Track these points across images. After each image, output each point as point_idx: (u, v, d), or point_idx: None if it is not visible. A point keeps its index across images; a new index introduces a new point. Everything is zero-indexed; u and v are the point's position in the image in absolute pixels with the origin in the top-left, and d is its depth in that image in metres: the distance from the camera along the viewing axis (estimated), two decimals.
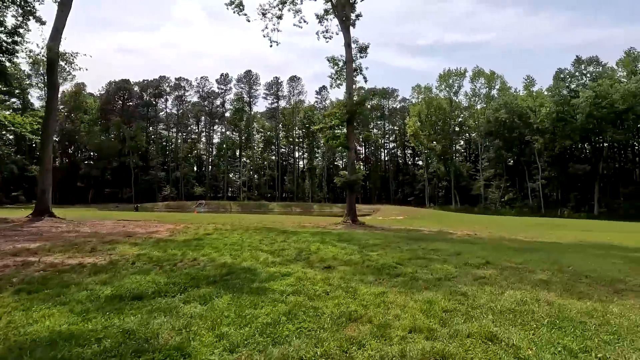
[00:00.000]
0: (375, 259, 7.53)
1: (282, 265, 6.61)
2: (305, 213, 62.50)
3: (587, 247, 11.65)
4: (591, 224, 30.43)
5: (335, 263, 6.99)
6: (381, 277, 5.86)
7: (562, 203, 54.78)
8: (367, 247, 9.25)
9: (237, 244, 9.22)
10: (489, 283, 5.58)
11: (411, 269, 6.53)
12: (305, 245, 9.22)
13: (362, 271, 6.25)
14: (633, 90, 47.25)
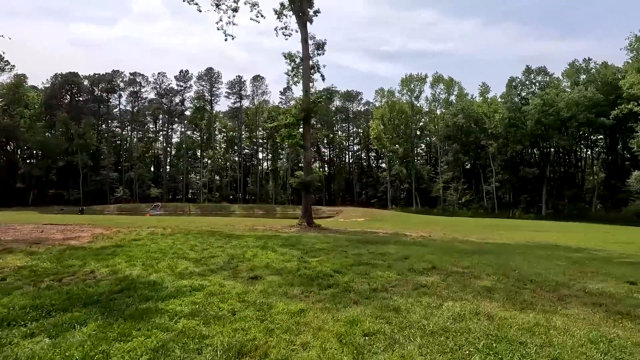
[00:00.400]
0: (313, 266, 6.76)
1: (200, 277, 5.65)
2: (267, 215, 61.14)
3: (534, 248, 11.67)
4: (539, 225, 31.91)
5: (266, 272, 6.14)
6: (310, 288, 5.08)
7: (513, 204, 57.62)
8: (311, 253, 8.48)
9: (161, 251, 8.09)
10: (428, 293, 4.98)
11: (348, 277, 5.82)
12: (242, 251, 8.27)
13: (291, 282, 5.44)
14: (576, 99, 50.69)
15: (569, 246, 12.82)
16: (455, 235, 16.97)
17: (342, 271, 6.29)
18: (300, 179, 18.34)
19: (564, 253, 10.29)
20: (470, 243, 12.98)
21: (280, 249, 8.92)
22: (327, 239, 11.83)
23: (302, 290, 4.96)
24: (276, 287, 5.11)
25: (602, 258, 9.47)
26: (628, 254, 10.83)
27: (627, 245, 13.92)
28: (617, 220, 44.90)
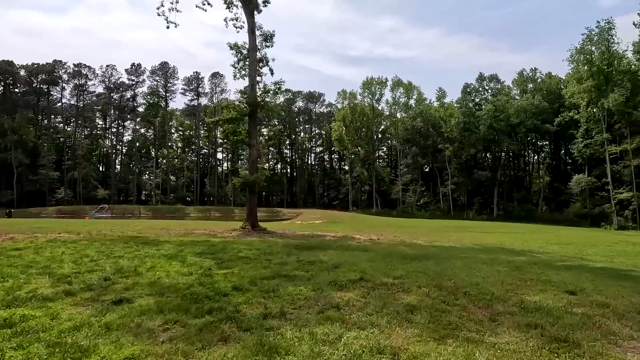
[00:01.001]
0: (214, 281, 5.54)
1: (40, 302, 4.26)
2: (223, 218, 58.66)
3: (478, 251, 11.20)
4: (489, 226, 32.70)
5: (143, 292, 4.83)
6: (179, 317, 3.86)
7: (468, 206, 59.60)
8: (226, 263, 7.23)
9: (30, 264, 6.48)
10: (334, 318, 3.94)
11: (245, 297, 4.67)
12: (139, 262, 6.85)
13: (163, 306, 4.19)
14: (524, 106, 53.41)
15: (513, 248, 12.56)
16: (405, 238, 16.40)
17: (244, 288, 5.12)
18: (243, 178, 16.98)
19: (506, 257, 9.81)
20: (417, 247, 12.33)
21: (192, 258, 7.58)
22: (261, 245, 10.61)
23: (166, 320, 3.73)
24: (134, 316, 3.84)
25: (543, 262, 9.06)
26: (568, 257, 10.62)
27: (567, 247, 13.99)
28: (560, 220, 47.68)
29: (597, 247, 14.25)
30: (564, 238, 18.78)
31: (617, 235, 24.74)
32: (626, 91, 39.41)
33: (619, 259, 10.43)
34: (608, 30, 41.84)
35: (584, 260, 9.78)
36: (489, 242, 14.99)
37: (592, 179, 44.89)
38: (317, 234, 17.34)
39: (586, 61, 42.58)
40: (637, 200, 39.13)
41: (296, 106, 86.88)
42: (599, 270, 8.00)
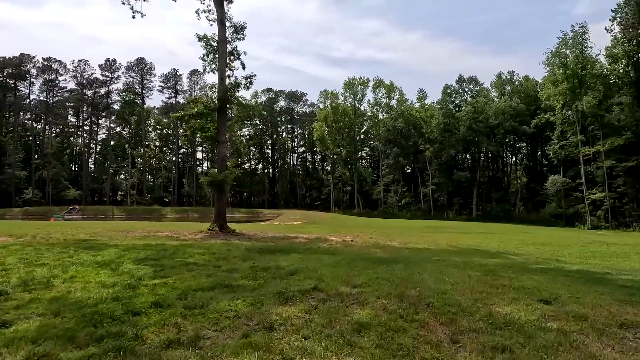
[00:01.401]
0: (138, 294, 4.70)
1: None
2: (202, 219, 56.80)
3: (452, 254, 10.67)
4: (468, 226, 32.67)
5: (37, 311, 3.95)
6: (56, 347, 3.01)
7: (448, 206, 60.01)
8: (168, 270, 6.36)
9: None
10: (258, 344, 3.18)
11: (161, 316, 3.85)
12: (58, 271, 5.92)
13: (43, 333, 3.32)
14: (502, 108, 54.18)
15: (489, 250, 12.13)
16: (380, 239, 15.81)
17: (166, 303, 4.28)
18: (211, 177, 15.98)
19: (480, 260, 9.29)
20: (389, 249, 11.72)
21: (128, 265, 6.66)
22: (220, 249, 9.73)
23: (33, 354, 2.86)
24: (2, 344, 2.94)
25: (518, 265, 8.56)
26: (544, 258, 10.21)
27: (543, 248, 13.69)
28: (537, 220, 48.48)
29: (572, 247, 14.02)
30: (540, 238, 18.63)
31: (591, 234, 24.99)
32: (599, 94, 40.33)
33: (593, 260, 10.08)
34: (582, 34, 42.81)
35: (559, 263, 9.35)
36: (465, 244, 14.57)
37: (566, 180, 45.81)
38: (289, 235, 16.54)
39: (561, 64, 43.41)
40: (609, 201, 40.05)
41: (278, 106, 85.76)
42: (574, 273, 7.53)
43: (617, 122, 39.36)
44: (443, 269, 7.58)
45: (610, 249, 13.72)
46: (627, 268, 8.68)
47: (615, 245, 15.64)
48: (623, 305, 4.88)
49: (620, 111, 39.03)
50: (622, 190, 40.66)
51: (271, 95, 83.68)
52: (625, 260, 10.03)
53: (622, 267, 8.77)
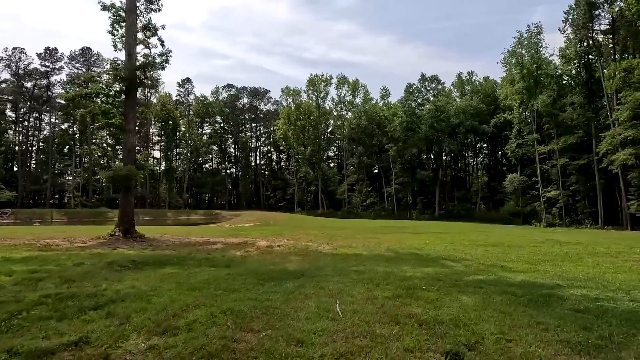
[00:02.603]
0: None
1: None
2: (155, 222, 53.03)
3: (382, 261, 8.79)
4: (425, 225, 31.52)
5: None
6: None
7: (411, 206, 59.51)
8: None
9: None
10: None
11: None
12: None
13: None
14: (463, 107, 54.34)
15: (429, 254, 10.40)
16: (318, 242, 13.83)
17: None
18: (114, 172, 13.29)
19: (409, 269, 7.44)
20: (312, 256, 9.69)
21: None
22: (84, 261, 7.25)
23: None
24: None
25: (452, 276, 6.76)
26: (487, 265, 8.54)
27: (492, 249, 12.22)
28: (496, 219, 48.73)
29: (523, 249, 12.68)
30: (493, 238, 17.39)
31: (545, 233, 24.40)
32: (553, 93, 40.86)
33: (543, 265, 8.54)
34: (537, 34, 43.32)
35: (503, 271, 7.68)
36: (409, 246, 12.85)
37: (523, 178, 46.30)
38: (214, 240, 14.20)
39: (517, 64, 43.75)
40: (562, 199, 40.62)
41: (241, 103, 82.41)
42: (517, 288, 5.80)
43: (570, 122, 40.05)
44: (348, 286, 5.61)
45: (563, 249, 12.47)
46: (580, 276, 7.12)
47: (567, 244, 14.55)
48: (575, 355, 3.04)
49: (572, 110, 39.71)
50: (574, 188, 41.43)
51: (233, 92, 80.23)
52: (578, 265, 8.57)
53: (575, 275, 7.21)
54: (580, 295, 5.46)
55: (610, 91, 33.60)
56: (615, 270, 7.77)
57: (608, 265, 8.60)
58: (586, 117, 38.21)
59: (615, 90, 32.88)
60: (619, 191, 35.77)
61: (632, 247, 13.48)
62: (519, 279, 6.67)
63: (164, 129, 69.49)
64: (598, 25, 38.19)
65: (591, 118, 37.76)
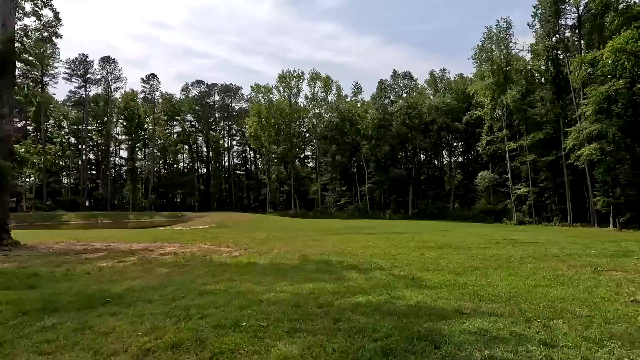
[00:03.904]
0: None
1: None
2: (114, 225, 49.89)
3: (260, 274, 6.84)
4: (388, 225, 29.88)
5: None
6: None
7: (385, 205, 58.18)
8: None
9: None
10: None
11: None
12: None
13: None
14: (435, 104, 53.33)
15: (342, 262, 8.52)
16: (241, 247, 11.84)
17: None
18: None
19: (282, 285, 5.52)
20: (189, 267, 7.64)
21: None
22: None
23: None
24: None
25: (320, 298, 4.93)
26: (398, 276, 6.74)
27: (433, 252, 10.54)
28: (468, 217, 47.82)
29: (467, 251, 11.05)
30: (448, 239, 15.80)
31: (509, 231, 23.11)
32: (522, 88, 40.14)
33: (468, 276, 6.77)
34: (506, 29, 42.62)
35: (408, 287, 5.86)
36: (339, 251, 11.00)
37: (494, 176, 45.54)
38: (103, 247, 11.96)
39: (487, 59, 42.95)
40: (532, 196, 39.92)
41: (212, 100, 79.46)
42: (394, 319, 4.00)
43: (539, 118, 39.41)
44: (134, 324, 3.60)
45: (510, 252, 10.87)
46: (501, 293, 5.36)
47: (522, 245, 13.04)
48: None
49: (542, 106, 39.09)
50: (544, 185, 40.84)
51: (203, 89, 77.24)
52: (510, 275, 6.86)
53: (494, 292, 5.44)
54: (477, 331, 3.65)
55: (577, 85, 32.95)
56: (550, 283, 6.07)
57: (547, 273, 6.93)
58: (554, 112, 37.57)
59: (582, 85, 32.20)
60: (586, 188, 35.19)
61: (588, 247, 12.03)
62: (413, 302, 4.83)
63: (127, 127, 65.95)
64: (565, 20, 37.66)
65: (559, 114, 37.13)
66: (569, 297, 5.07)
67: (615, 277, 6.57)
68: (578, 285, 5.75)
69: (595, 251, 10.82)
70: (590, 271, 7.12)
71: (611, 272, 7.22)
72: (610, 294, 5.18)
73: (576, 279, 6.36)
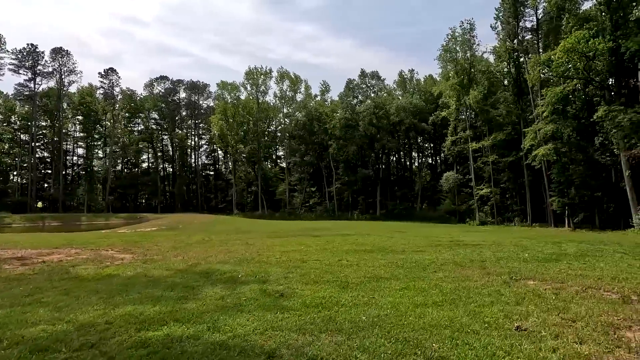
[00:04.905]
0: None
1: None
2: (62, 228, 46.36)
3: (135, 285, 5.35)
4: (346, 225, 28.75)
5: None
6: None
7: (353, 206, 57.36)
8: None
9: None
10: None
11: None
12: None
13: None
14: (403, 105, 53.01)
15: (226, 273, 7.14)
16: (130, 253, 10.21)
17: None
18: None
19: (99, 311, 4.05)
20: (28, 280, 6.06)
21: None
22: None
23: None
24: None
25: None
26: (250, 298, 5.39)
27: (360, 257, 9.39)
28: (434, 217, 47.65)
29: (399, 254, 10.06)
30: (394, 241, 14.74)
31: (463, 232, 22.48)
32: (483, 89, 40.26)
33: (354, 292, 5.59)
34: (470, 30, 42.69)
35: (262, 310, 4.55)
36: (253, 257, 9.64)
37: (458, 176, 45.57)
38: None
39: (451, 59, 42.92)
40: (494, 196, 40.06)
41: (178, 97, 76.35)
42: None
43: (501, 119, 39.64)
44: None
45: (440, 256, 9.87)
46: (358, 320, 4.16)
47: (463, 247, 12.11)
48: None
49: (504, 107, 39.33)
50: (505, 185, 41.11)
51: (168, 85, 74.07)
52: (402, 289, 5.71)
53: (352, 319, 4.22)
54: None
55: (536, 87, 33.19)
56: (440, 300, 4.95)
57: (450, 286, 5.83)
58: (515, 114, 37.83)
59: (540, 87, 32.42)
60: (544, 188, 35.50)
61: (526, 249, 11.21)
62: (228, 335, 3.53)
63: (84, 124, 62.05)
64: (524, 22, 38.02)
65: (520, 115, 37.38)
66: (444, 322, 3.93)
67: (524, 289, 5.55)
68: (469, 304, 4.64)
69: (529, 254, 9.99)
70: (501, 282, 6.09)
71: (526, 281, 6.23)
72: (498, 317, 4.09)
73: (477, 292, 5.28)
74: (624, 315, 4.12)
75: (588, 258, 9.21)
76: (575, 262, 8.55)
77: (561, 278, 6.48)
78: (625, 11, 25.63)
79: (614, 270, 7.25)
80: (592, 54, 24.48)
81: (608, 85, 28.46)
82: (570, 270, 7.27)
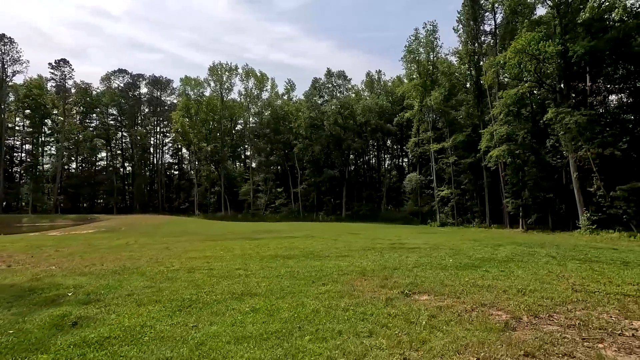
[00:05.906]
0: None
1: None
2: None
3: None
4: (297, 227, 27.49)
5: None
6: None
7: (318, 207, 56.36)
8: None
9: None
10: None
11: None
12: None
13: None
14: (369, 105, 52.61)
15: (56, 288, 5.74)
16: (40, 259, 8.52)
17: None
18: None
19: None
20: None
21: None
22: None
23: None
24: None
25: None
26: None
27: (264, 264, 8.17)
28: (397, 219, 47.45)
29: (319, 260, 8.91)
30: (337, 244, 13.67)
31: (419, 233, 21.90)
32: (444, 90, 40.34)
33: (185, 318, 4.37)
34: (433, 32, 42.75)
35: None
36: (119, 266, 8.22)
37: (420, 177, 45.54)
38: None
39: (414, 60, 42.84)
40: (455, 198, 40.17)
41: (139, 93, 72.68)
42: None
43: (462, 120, 39.83)
44: None
45: (356, 262, 8.85)
46: None
47: (399, 251, 11.23)
48: None
49: (464, 109, 39.55)
50: (465, 187, 41.36)
51: (128, 80, 70.32)
52: (251, 313, 4.57)
53: None
54: None
55: (488, 86, 33.38)
56: (261, 333, 3.79)
57: (306, 310, 4.72)
58: (475, 115, 38.07)
59: (497, 89, 32.65)
60: (500, 189, 35.83)
61: (458, 253, 10.42)
62: None
63: (31, 118, 57.55)
64: (483, 25, 38.41)
65: (479, 116, 37.66)
66: None
67: (401, 310, 4.53)
68: (304, 337, 3.55)
69: (454, 260, 9.16)
70: (387, 298, 5.06)
71: (420, 296, 5.27)
72: (328, 357, 2.97)
73: (333, 317, 4.20)
74: (485, 353, 3.14)
75: (511, 264, 8.47)
76: (494, 269, 7.76)
77: (462, 290, 5.56)
78: (574, 15, 26.07)
79: (528, 280, 6.45)
80: (542, 57, 24.64)
81: (560, 89, 28.95)
82: (481, 280, 6.41)
